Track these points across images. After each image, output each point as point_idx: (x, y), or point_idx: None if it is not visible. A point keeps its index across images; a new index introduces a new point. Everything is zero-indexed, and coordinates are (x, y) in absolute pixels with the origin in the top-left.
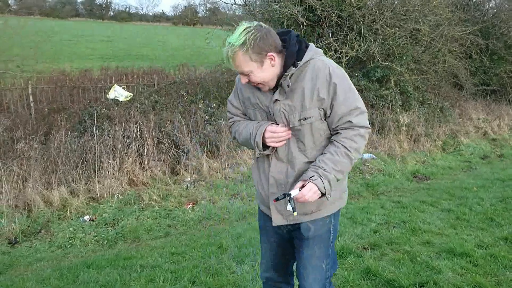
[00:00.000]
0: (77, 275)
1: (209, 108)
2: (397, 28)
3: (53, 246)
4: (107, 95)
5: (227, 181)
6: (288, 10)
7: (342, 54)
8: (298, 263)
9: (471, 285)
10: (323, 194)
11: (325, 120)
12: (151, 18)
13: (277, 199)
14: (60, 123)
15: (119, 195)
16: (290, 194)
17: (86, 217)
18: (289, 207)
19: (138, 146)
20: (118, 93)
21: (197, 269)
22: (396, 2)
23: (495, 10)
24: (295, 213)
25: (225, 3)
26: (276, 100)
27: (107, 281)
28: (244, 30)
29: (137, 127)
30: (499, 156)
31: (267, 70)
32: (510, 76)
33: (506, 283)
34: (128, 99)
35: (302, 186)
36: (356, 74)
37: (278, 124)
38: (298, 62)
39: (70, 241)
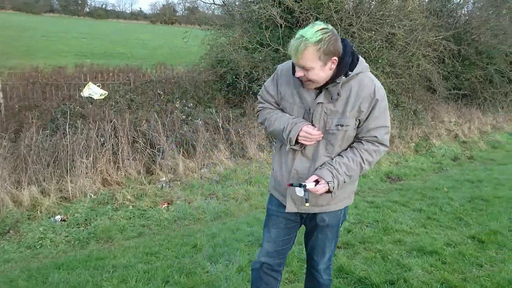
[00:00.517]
0: (46, 276)
1: (186, 108)
2: (373, 32)
3: (22, 246)
4: (81, 93)
5: (203, 181)
6: (267, 11)
7: None
8: (312, 245)
9: (439, 282)
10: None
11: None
12: (129, 15)
13: (291, 185)
14: (32, 120)
15: (92, 195)
16: (306, 185)
17: (58, 217)
18: (302, 195)
19: (112, 145)
20: (93, 91)
21: (170, 269)
22: (372, 7)
23: (467, 17)
24: (307, 204)
25: (204, 2)
26: (320, 102)
27: (78, 282)
28: (322, 29)
29: (111, 125)
30: (469, 158)
31: (326, 71)
32: (480, 81)
33: (472, 280)
34: (103, 97)
35: (316, 181)
36: None
37: (313, 125)
38: (349, 73)
39: (40, 242)
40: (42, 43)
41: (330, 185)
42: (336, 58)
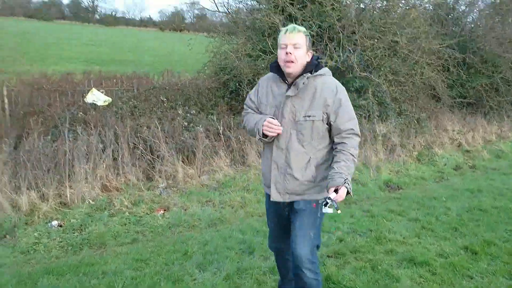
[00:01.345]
0: (36, 281)
1: (188, 115)
2: (375, 40)
3: (16, 251)
4: (84, 99)
5: (202, 188)
6: (270, 19)
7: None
8: (291, 232)
9: None
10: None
11: (326, 124)
12: (138, 22)
13: (317, 204)
14: (35, 126)
15: (91, 201)
16: (331, 198)
17: (54, 222)
18: (332, 210)
19: (113, 151)
20: (97, 97)
21: (158, 275)
22: (375, 15)
23: (472, 25)
24: (339, 211)
25: (208, 10)
26: (288, 96)
27: None
28: (306, 30)
29: (112, 131)
30: (471, 167)
31: (305, 58)
32: (486, 90)
33: None
34: (106, 103)
35: (336, 190)
36: None
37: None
38: (315, 72)
39: (33, 247)
40: (52, 49)
41: (347, 186)
42: (311, 53)
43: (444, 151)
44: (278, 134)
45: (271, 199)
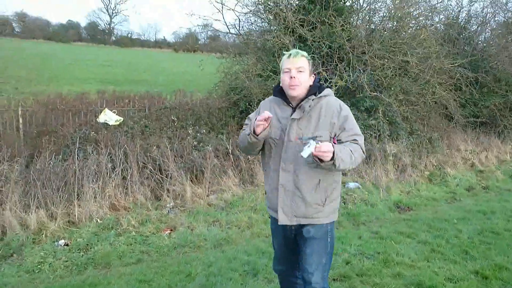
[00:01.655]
0: None
1: (198, 134)
2: (386, 60)
3: (22, 271)
4: (97, 119)
5: (209, 208)
6: (280, 40)
7: (331, 84)
8: (301, 259)
9: None
10: (333, 162)
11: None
12: (153, 44)
13: (300, 139)
14: (47, 145)
15: (99, 220)
16: (316, 137)
17: (61, 242)
18: (307, 148)
19: (122, 170)
20: (109, 117)
21: None
22: (385, 35)
23: (484, 44)
24: (304, 154)
25: (220, 31)
26: (294, 118)
27: None
28: (308, 55)
29: (123, 151)
30: (484, 188)
31: (308, 82)
32: (500, 109)
33: None
34: (118, 123)
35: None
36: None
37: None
38: (319, 94)
39: (39, 266)
40: (68, 70)
41: (335, 148)
42: (314, 76)
43: (456, 171)
44: (269, 117)
45: (279, 223)
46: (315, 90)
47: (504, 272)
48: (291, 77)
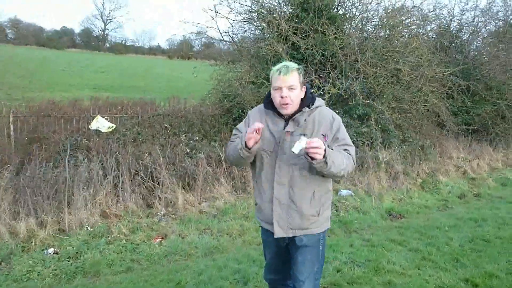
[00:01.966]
0: None
1: (191, 141)
2: (378, 68)
3: (9, 279)
4: (89, 126)
5: (201, 215)
6: (273, 48)
7: (324, 91)
8: (293, 267)
9: None
10: (325, 160)
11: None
12: (147, 50)
13: (291, 134)
14: (38, 152)
15: (89, 227)
16: (306, 135)
17: (51, 250)
18: (298, 143)
19: (113, 177)
20: (101, 124)
21: None
22: (378, 43)
23: (476, 53)
24: (295, 150)
25: (214, 39)
26: (288, 131)
27: None
28: (297, 65)
29: (114, 158)
30: (476, 195)
31: (300, 96)
32: (491, 117)
33: None
34: (110, 130)
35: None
36: (337, 111)
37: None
38: (312, 105)
39: (27, 275)
40: (61, 76)
41: (325, 147)
42: (305, 88)
43: (448, 178)
44: (259, 128)
45: (275, 236)
46: (308, 102)
47: (494, 280)
48: (282, 97)
